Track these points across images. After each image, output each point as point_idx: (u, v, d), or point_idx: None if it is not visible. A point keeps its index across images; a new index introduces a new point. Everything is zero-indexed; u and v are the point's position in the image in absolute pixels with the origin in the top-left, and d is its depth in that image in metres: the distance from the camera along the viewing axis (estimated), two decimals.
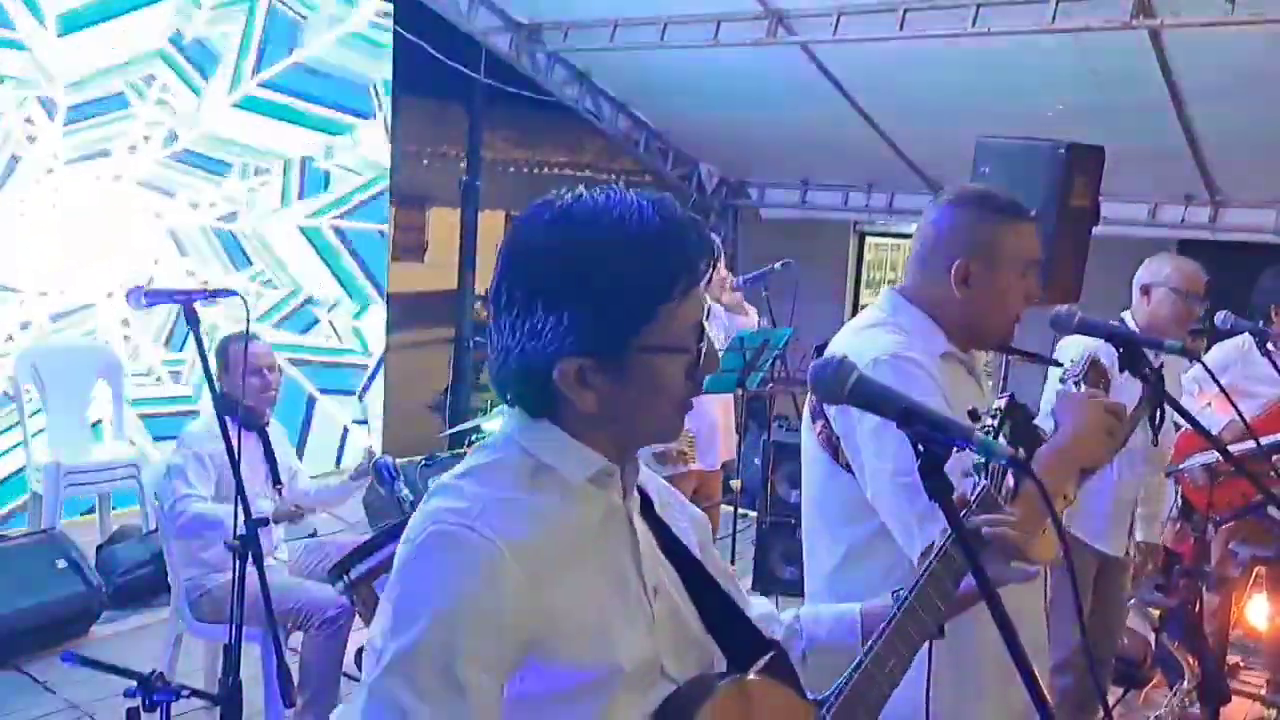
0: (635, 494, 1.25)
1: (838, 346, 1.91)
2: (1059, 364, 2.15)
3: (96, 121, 5.38)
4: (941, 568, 1.30)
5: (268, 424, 3.71)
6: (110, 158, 5.45)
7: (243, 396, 3.50)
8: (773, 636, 1.36)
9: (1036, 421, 1.66)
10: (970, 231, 1.86)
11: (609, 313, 1.12)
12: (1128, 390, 2.17)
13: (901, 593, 1.36)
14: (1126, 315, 3.35)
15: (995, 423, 1.38)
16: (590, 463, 1.18)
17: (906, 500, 1.67)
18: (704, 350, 1.18)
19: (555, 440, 1.18)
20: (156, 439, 5.57)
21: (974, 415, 1.42)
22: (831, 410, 1.85)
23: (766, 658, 1.24)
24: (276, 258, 6.20)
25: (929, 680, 1.69)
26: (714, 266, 1.19)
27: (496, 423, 1.65)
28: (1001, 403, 1.39)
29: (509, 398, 1.20)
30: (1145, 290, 3.33)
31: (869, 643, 1.26)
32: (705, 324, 1.20)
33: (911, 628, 1.28)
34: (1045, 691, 1.14)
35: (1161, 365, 1.85)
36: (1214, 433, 2.84)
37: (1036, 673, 1.13)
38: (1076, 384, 1.89)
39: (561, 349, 1.12)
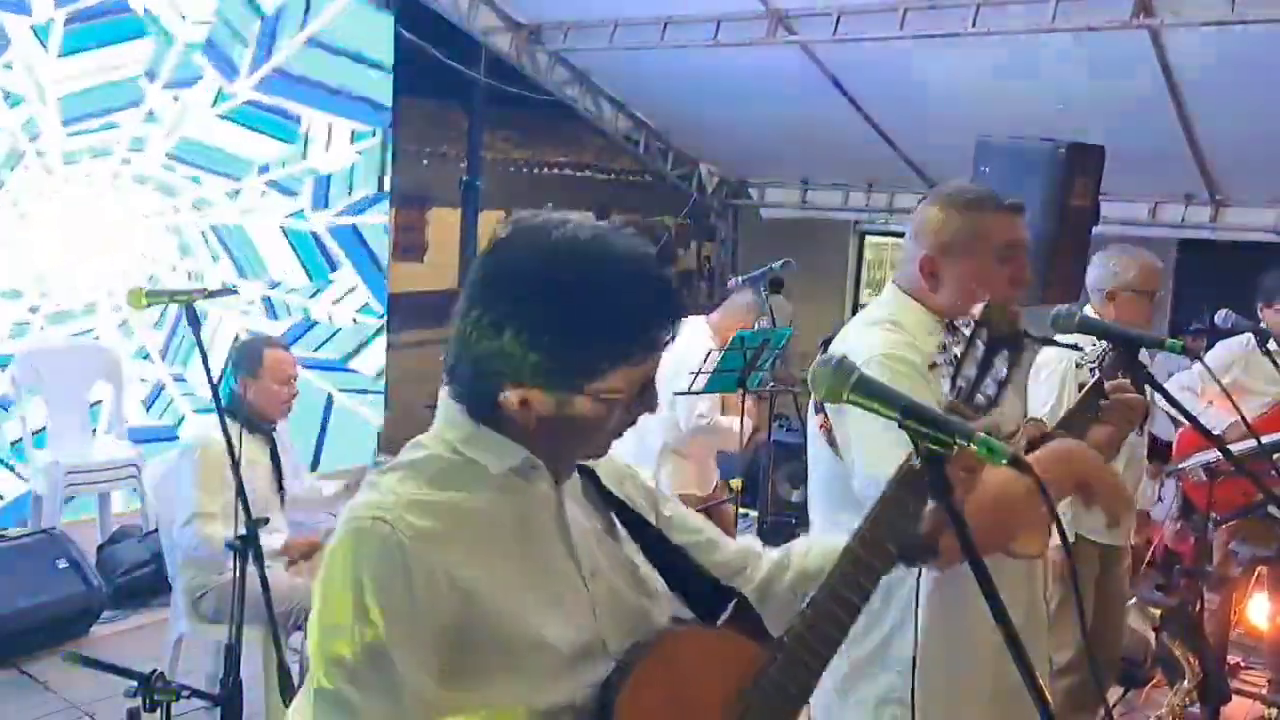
0: (573, 479, 1.29)
1: (841, 343, 1.94)
2: (1077, 347, 2.13)
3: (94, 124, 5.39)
4: (895, 493, 1.26)
5: (274, 428, 3.68)
6: (108, 158, 5.46)
7: (262, 402, 3.47)
8: (746, 578, 1.41)
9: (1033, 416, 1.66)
10: (933, 227, 1.93)
11: (572, 360, 1.15)
12: None
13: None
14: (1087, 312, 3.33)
15: (970, 331, 1.33)
16: (513, 454, 1.21)
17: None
18: (646, 390, 1.21)
19: (480, 437, 1.21)
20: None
21: (951, 328, 1.39)
22: (830, 405, 1.87)
23: (730, 607, 1.28)
24: (260, 256, 6.19)
25: (914, 664, 1.69)
26: (676, 329, 1.21)
27: None
28: (978, 310, 1.34)
29: (451, 386, 1.23)
30: (1111, 295, 3.29)
31: (826, 576, 1.25)
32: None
33: (869, 558, 1.25)
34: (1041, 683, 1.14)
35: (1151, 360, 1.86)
36: (1216, 432, 2.85)
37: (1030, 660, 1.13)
38: (1094, 371, 1.89)
39: (517, 376, 1.16)
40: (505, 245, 1.20)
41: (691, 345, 4.34)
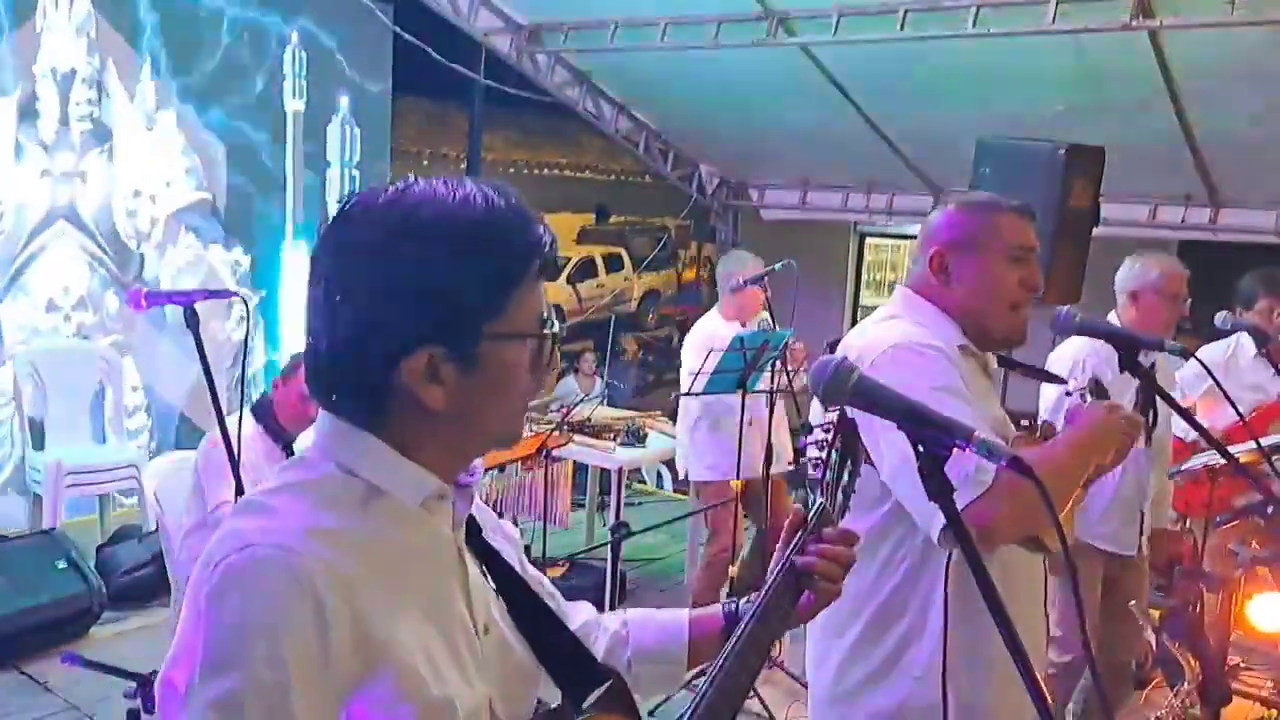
0: (462, 525, 1.16)
1: (853, 341, 1.93)
2: (1059, 379, 2.16)
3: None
4: (783, 583, 1.29)
5: (293, 439, 3.70)
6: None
7: (285, 410, 3.50)
8: (603, 660, 1.32)
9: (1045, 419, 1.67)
10: (947, 224, 1.94)
11: (463, 298, 1.05)
12: (1126, 390, 2.17)
13: (742, 604, 1.37)
14: (1112, 317, 3.34)
15: (829, 436, 1.36)
16: (423, 484, 1.08)
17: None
18: (549, 345, 1.13)
19: (382, 458, 1.07)
20: None
21: (806, 429, 1.42)
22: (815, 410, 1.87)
23: (603, 688, 1.16)
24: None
25: (944, 674, 1.70)
26: (555, 259, 1.13)
27: None
28: (833, 416, 1.36)
29: (331, 399, 1.09)
30: (1133, 295, 3.31)
31: (716, 661, 1.20)
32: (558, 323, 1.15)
33: (763, 636, 1.24)
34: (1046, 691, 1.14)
35: (1153, 365, 1.86)
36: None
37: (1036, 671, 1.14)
38: (1082, 398, 1.90)
39: (410, 340, 1.04)
40: (346, 214, 1.09)
41: (713, 330, 4.64)
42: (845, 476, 1.36)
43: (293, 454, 3.65)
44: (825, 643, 1.99)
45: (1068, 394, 1.95)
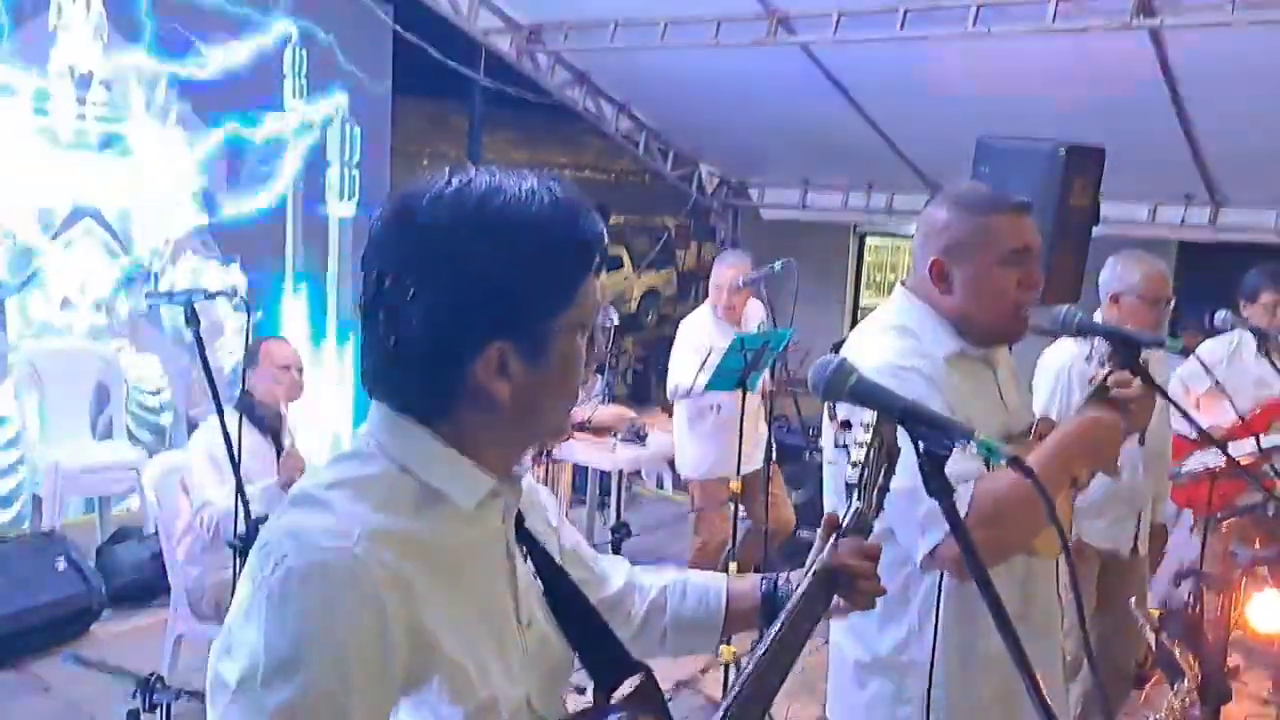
0: (512, 517, 1.17)
1: (852, 347, 1.94)
2: (1096, 329, 2.11)
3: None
4: (816, 584, 1.28)
5: (282, 428, 3.73)
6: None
7: (263, 390, 3.60)
8: (627, 617, 1.36)
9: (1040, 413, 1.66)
10: (943, 230, 1.91)
11: (537, 291, 1.05)
12: None
13: (781, 586, 1.39)
14: (1097, 318, 3.34)
15: (868, 437, 1.33)
16: (480, 485, 1.09)
17: (911, 503, 1.68)
18: (605, 335, 1.15)
19: (441, 460, 1.08)
20: None
21: (846, 425, 1.39)
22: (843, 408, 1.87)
23: (634, 682, 1.18)
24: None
25: (931, 671, 1.70)
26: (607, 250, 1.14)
27: None
28: (869, 417, 1.34)
29: (395, 397, 1.09)
30: (1115, 298, 3.30)
31: (748, 662, 1.21)
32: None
33: (794, 638, 1.24)
34: (1050, 693, 1.14)
35: (1145, 364, 1.85)
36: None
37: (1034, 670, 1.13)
38: (1102, 364, 1.89)
39: (485, 335, 1.04)
40: (409, 207, 1.07)
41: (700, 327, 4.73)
42: (882, 478, 1.34)
43: (279, 442, 3.67)
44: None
45: (1087, 360, 1.95)
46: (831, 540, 1.30)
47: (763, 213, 8.13)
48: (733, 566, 4.52)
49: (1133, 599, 3.18)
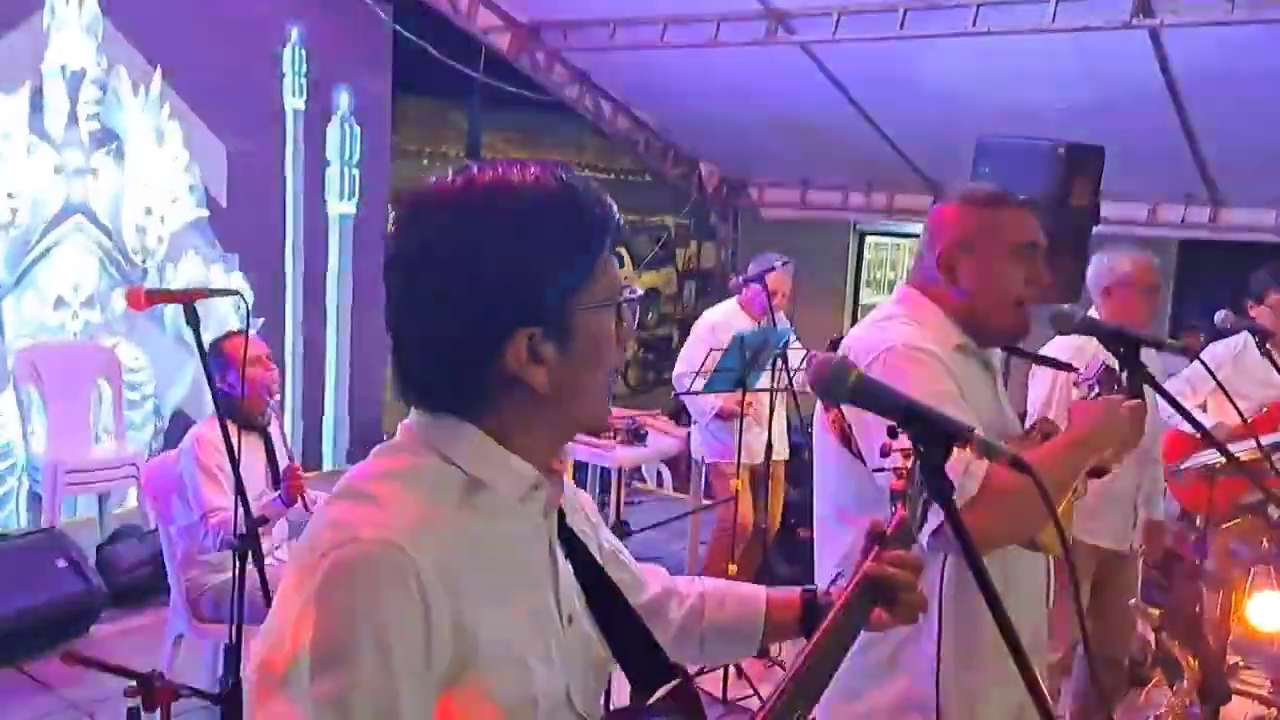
0: (555, 512, 1.17)
1: (852, 340, 1.93)
2: (1070, 367, 2.15)
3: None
4: (858, 594, 1.25)
5: (268, 424, 3.69)
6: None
7: (243, 394, 3.48)
8: (665, 621, 1.36)
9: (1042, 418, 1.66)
10: (952, 223, 1.92)
11: (553, 273, 1.06)
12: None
13: (821, 596, 1.37)
14: (1092, 314, 3.34)
15: (916, 445, 1.28)
16: (523, 477, 1.10)
17: None
18: (632, 311, 1.15)
19: (483, 450, 1.08)
20: None
21: (894, 432, 1.34)
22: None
23: (671, 685, 1.18)
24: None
25: (938, 669, 1.71)
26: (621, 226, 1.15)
27: None
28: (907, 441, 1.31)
29: (431, 397, 1.10)
30: (1107, 292, 3.31)
31: (787, 673, 1.19)
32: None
33: (833, 649, 1.22)
34: (1044, 688, 1.14)
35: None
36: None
37: (1035, 669, 1.14)
38: (1091, 388, 1.90)
39: (510, 324, 1.05)
40: (417, 207, 1.09)
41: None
42: (924, 492, 1.30)
43: (268, 438, 3.62)
44: None
45: (1076, 384, 1.95)
46: (875, 550, 1.28)
47: (763, 211, 8.14)
48: (731, 569, 4.53)
49: (1132, 600, 3.19)
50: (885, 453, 1.32)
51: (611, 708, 1.19)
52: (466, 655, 1.01)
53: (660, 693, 1.16)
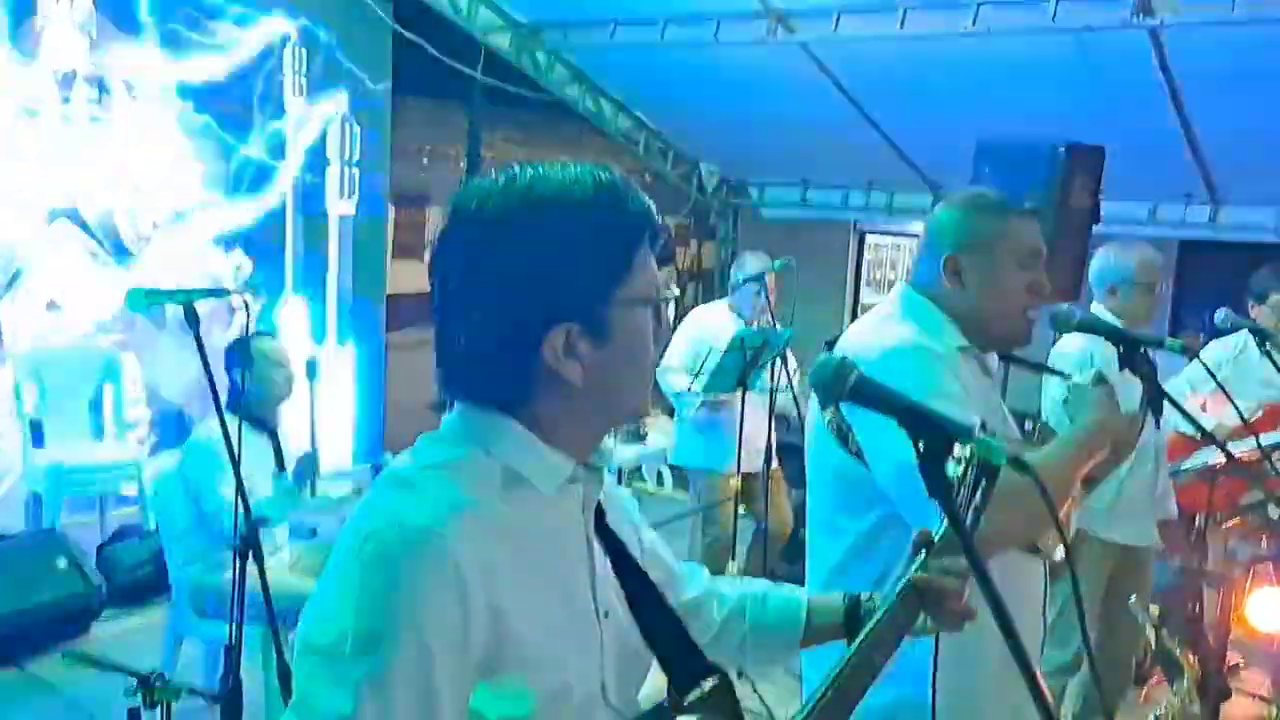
0: (592, 508, 1.19)
1: (851, 340, 1.92)
2: (1061, 374, 2.15)
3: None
4: (903, 601, 1.26)
5: (277, 426, 3.71)
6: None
7: (260, 395, 3.53)
8: (706, 623, 1.37)
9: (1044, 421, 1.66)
10: (959, 227, 1.92)
11: (591, 269, 1.09)
12: (1126, 388, 2.17)
13: (864, 601, 1.37)
14: (1098, 309, 3.33)
15: (965, 451, 1.26)
16: (560, 470, 1.12)
17: (915, 478, 1.68)
18: (668, 308, 1.17)
19: (523, 443, 1.11)
20: None
21: (984, 424, 1.38)
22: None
23: (709, 684, 1.19)
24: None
25: (934, 674, 1.70)
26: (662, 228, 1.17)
27: None
28: (966, 451, 1.29)
29: (473, 391, 1.13)
30: (1112, 289, 3.31)
31: (827, 679, 1.20)
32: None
33: (876, 655, 1.23)
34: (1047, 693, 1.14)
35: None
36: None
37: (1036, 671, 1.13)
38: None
39: (548, 319, 1.08)
40: (466, 204, 1.12)
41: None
42: (979, 498, 1.29)
43: (276, 438, 3.65)
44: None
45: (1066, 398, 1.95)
46: (921, 558, 1.28)
47: (763, 211, 8.13)
48: (732, 566, 4.53)
49: (1132, 598, 3.18)
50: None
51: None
52: (502, 643, 1.03)
53: (697, 692, 1.17)
